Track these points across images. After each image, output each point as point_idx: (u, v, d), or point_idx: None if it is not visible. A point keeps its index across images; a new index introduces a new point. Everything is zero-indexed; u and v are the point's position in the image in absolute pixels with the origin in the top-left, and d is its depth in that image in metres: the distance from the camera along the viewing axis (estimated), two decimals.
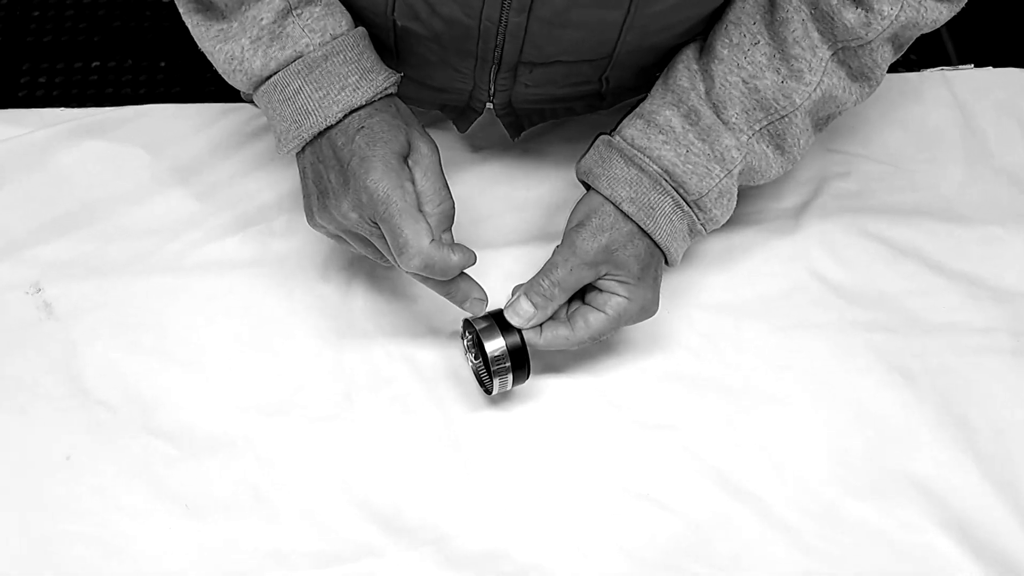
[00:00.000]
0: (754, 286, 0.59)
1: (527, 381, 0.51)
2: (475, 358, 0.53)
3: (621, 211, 0.50)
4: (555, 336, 0.50)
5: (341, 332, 0.56)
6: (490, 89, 0.56)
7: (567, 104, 0.62)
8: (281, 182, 0.61)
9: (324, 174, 0.48)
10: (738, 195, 0.52)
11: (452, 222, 0.48)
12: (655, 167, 0.50)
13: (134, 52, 0.92)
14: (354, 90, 0.46)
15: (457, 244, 0.47)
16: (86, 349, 0.55)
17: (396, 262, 0.47)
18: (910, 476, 0.52)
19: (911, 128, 0.65)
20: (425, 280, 0.48)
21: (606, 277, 0.50)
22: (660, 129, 0.50)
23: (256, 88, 0.49)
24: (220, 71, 0.49)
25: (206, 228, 0.59)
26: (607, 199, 0.50)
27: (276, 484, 0.51)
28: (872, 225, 0.60)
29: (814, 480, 0.52)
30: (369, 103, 0.47)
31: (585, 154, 0.53)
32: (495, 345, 0.49)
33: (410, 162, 0.47)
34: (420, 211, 0.46)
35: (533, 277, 0.50)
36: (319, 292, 0.58)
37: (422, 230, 0.46)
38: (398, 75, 0.49)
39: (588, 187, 0.52)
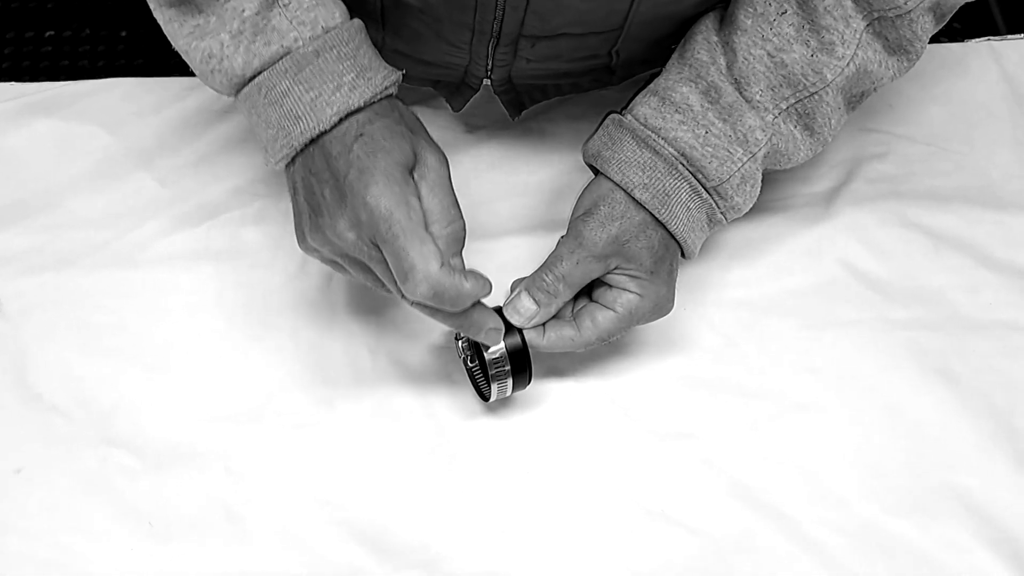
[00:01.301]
0: (780, 280, 0.59)
1: (528, 386, 0.51)
2: (470, 361, 0.53)
3: (633, 198, 0.49)
4: (560, 337, 0.50)
5: (321, 331, 0.56)
6: (488, 64, 0.56)
7: (573, 80, 0.62)
8: (254, 165, 0.61)
9: (317, 189, 0.46)
10: (762, 180, 0.52)
11: (463, 245, 0.47)
12: (671, 150, 0.49)
13: (91, 20, 0.91)
14: (350, 90, 0.45)
15: (470, 270, 0.45)
16: (38, 350, 0.55)
17: (400, 290, 0.45)
18: (953, 490, 0.52)
19: (955, 105, 0.65)
20: (433, 312, 0.46)
21: (616, 271, 0.50)
22: (676, 108, 0.49)
23: (238, 91, 0.47)
24: (197, 72, 0.48)
25: (171, 216, 0.59)
26: (617, 185, 0.50)
27: (249, 500, 0.51)
28: (911, 212, 0.61)
29: (847, 495, 0.52)
30: (368, 105, 0.46)
31: (593, 135, 0.52)
32: (492, 348, 0.49)
33: (415, 176, 0.46)
34: (428, 232, 0.45)
35: (535, 271, 0.50)
36: (297, 287, 0.58)
37: (430, 253, 0.43)
38: (399, 73, 0.48)
39: (596, 171, 0.52)
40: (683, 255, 0.52)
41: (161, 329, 0.56)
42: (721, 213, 0.51)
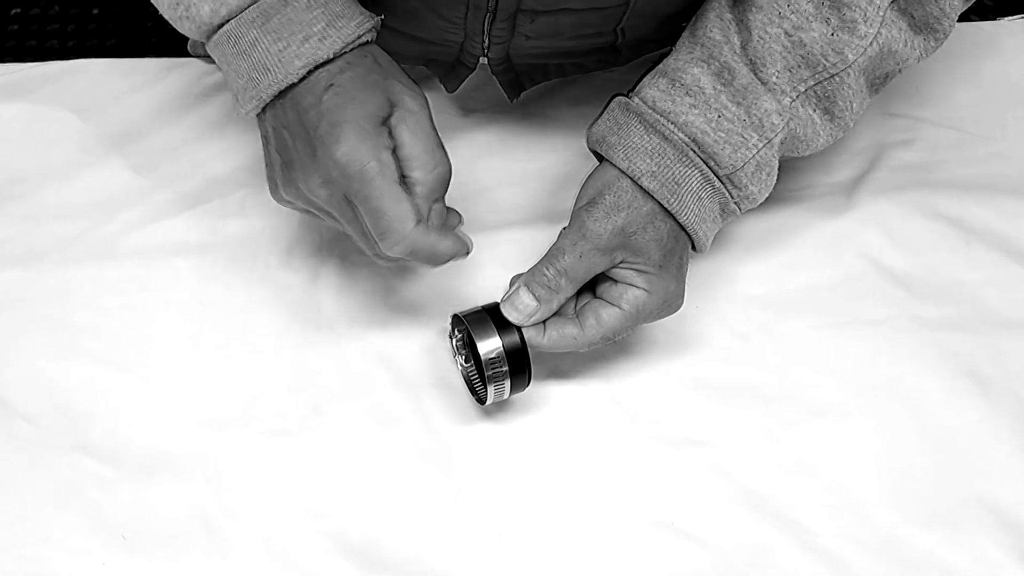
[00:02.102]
0: (798, 276, 0.58)
1: (528, 389, 0.51)
2: (466, 361, 0.52)
3: (640, 187, 0.49)
4: (561, 336, 0.50)
5: (308, 330, 0.56)
6: (484, 41, 0.55)
7: (575, 59, 0.61)
8: (236, 151, 0.61)
9: (289, 141, 0.47)
10: (779, 168, 0.52)
11: (447, 188, 0.47)
12: (681, 135, 0.49)
13: None
14: (320, 40, 0.46)
15: (448, 226, 0.47)
16: (4, 351, 0.55)
17: (374, 247, 0.47)
18: (984, 501, 0.52)
19: (985, 87, 0.65)
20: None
21: (622, 265, 0.49)
22: (687, 90, 0.49)
23: (208, 38, 0.48)
24: (167, 18, 0.49)
25: (147, 206, 0.59)
26: (623, 172, 0.49)
27: (230, 512, 0.51)
28: (939, 202, 0.60)
29: (869, 506, 0.52)
30: (340, 55, 0.46)
31: (598, 119, 0.52)
32: (490, 346, 0.48)
33: (393, 122, 0.46)
34: (404, 185, 0.46)
35: (535, 265, 0.50)
36: (282, 282, 0.58)
37: (405, 212, 0.45)
38: (377, 19, 0.48)
39: (601, 158, 0.52)
40: (694, 248, 0.52)
41: (137, 328, 0.56)
42: (735, 203, 0.51)
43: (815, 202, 0.60)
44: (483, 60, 0.57)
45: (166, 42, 0.53)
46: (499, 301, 0.50)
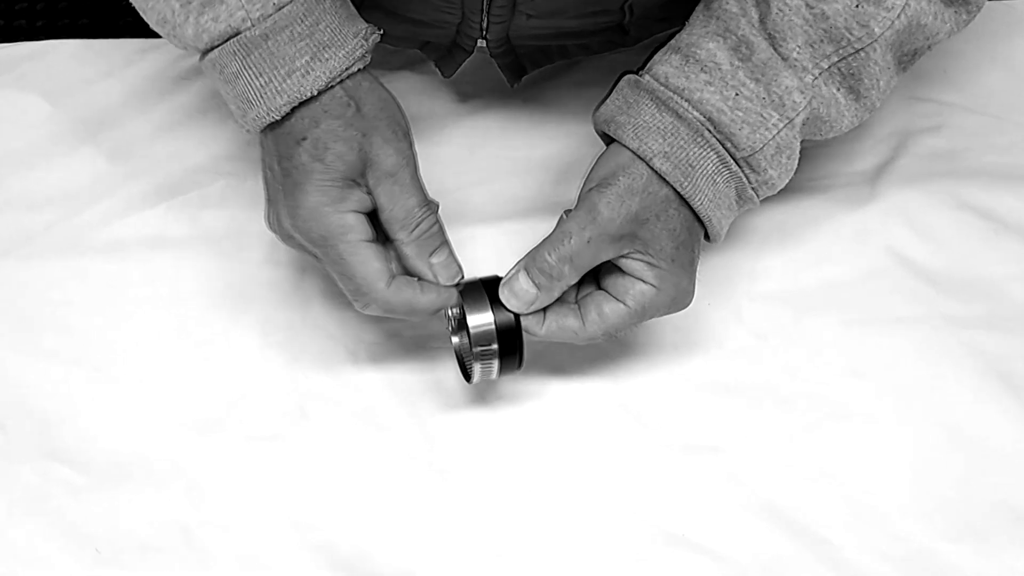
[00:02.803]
0: (819, 270, 0.58)
1: (518, 372, 0.50)
2: (457, 334, 0.52)
3: (655, 171, 0.48)
4: (560, 327, 0.49)
5: (294, 328, 0.56)
6: (482, 21, 0.55)
7: (580, 40, 0.61)
8: (216, 138, 0.61)
9: (270, 177, 0.48)
10: (800, 153, 0.51)
11: (440, 240, 0.48)
12: (695, 113, 0.48)
13: None
14: (304, 75, 0.46)
15: (434, 280, 0.48)
16: None
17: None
18: (1017, 512, 0.52)
19: (1018, 70, 0.64)
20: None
21: (631, 256, 0.49)
22: (702, 66, 0.48)
23: (200, 57, 0.49)
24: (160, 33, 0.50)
25: (122, 197, 0.59)
26: (636, 154, 0.49)
27: (211, 522, 0.51)
28: (968, 192, 0.60)
29: (895, 517, 0.52)
30: (327, 88, 0.47)
31: (605, 99, 0.51)
32: (480, 320, 0.48)
33: (371, 183, 0.47)
34: (379, 244, 0.48)
35: (537, 247, 0.49)
36: (265, 278, 0.58)
37: (372, 273, 0.47)
38: (373, 37, 0.48)
39: (609, 141, 0.51)
40: (707, 238, 0.51)
41: (110, 327, 0.56)
42: (752, 189, 0.50)
43: (836, 192, 0.60)
44: (481, 43, 0.57)
45: (142, 22, 0.53)
46: (499, 276, 0.50)
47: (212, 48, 0.47)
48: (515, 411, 0.54)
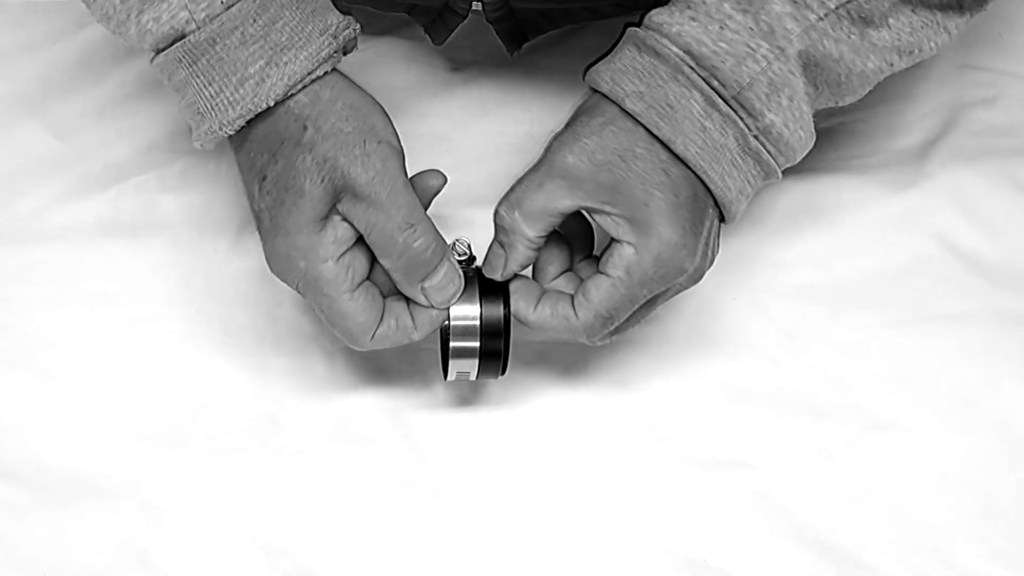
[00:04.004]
0: (858, 261, 0.58)
1: (503, 377, 0.50)
2: (444, 326, 0.51)
3: (624, 110, 0.47)
4: (554, 314, 0.48)
5: (264, 328, 0.56)
6: None
7: (588, 3, 0.60)
8: (176, 114, 0.60)
9: (246, 193, 0.48)
10: (832, 129, 0.52)
11: (435, 260, 0.47)
12: (674, 49, 0.47)
13: None
14: (258, 83, 0.45)
15: (427, 305, 0.48)
16: None
17: None
18: None
19: None
20: None
21: (601, 210, 0.47)
22: (689, 3, 0.47)
23: (150, 61, 0.48)
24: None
25: (69, 179, 0.59)
26: (608, 97, 0.47)
27: (170, 546, 0.51)
28: None
29: (946, 540, 0.51)
30: (287, 97, 0.46)
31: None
32: (463, 312, 0.48)
33: (344, 210, 0.46)
34: (363, 288, 0.47)
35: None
36: (231, 270, 0.57)
37: (357, 328, 0.47)
38: (338, 40, 0.47)
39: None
40: (721, 215, 0.49)
41: (56, 326, 0.55)
42: (756, 140, 0.47)
43: (877, 172, 0.60)
44: (477, 6, 0.57)
45: None
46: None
47: (160, 51, 0.47)
48: (515, 421, 0.53)
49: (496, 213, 0.48)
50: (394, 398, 0.54)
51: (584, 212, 0.48)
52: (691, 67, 0.46)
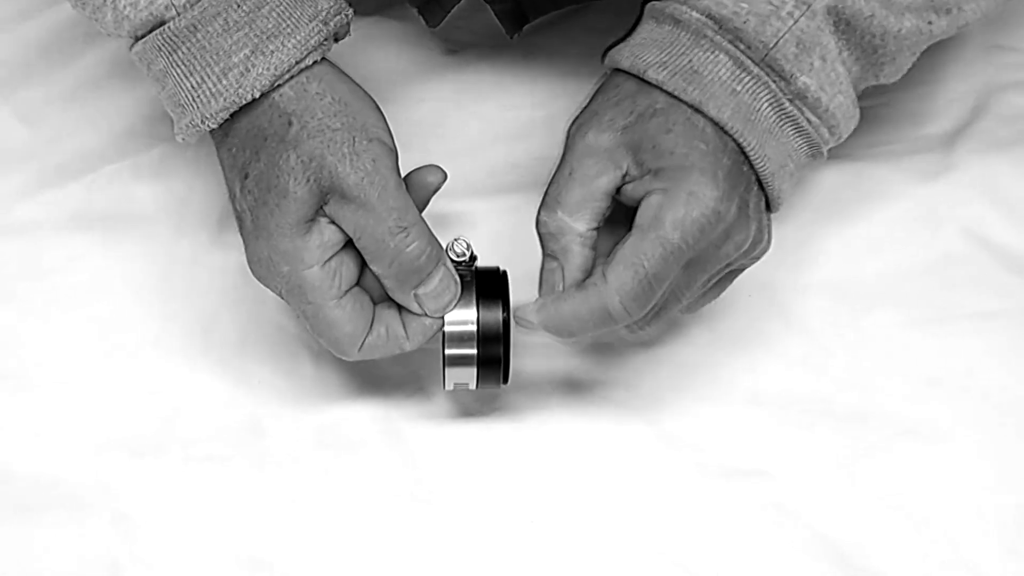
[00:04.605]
0: (883, 256, 0.58)
1: (506, 386, 0.50)
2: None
3: (646, 82, 0.47)
4: (584, 300, 0.45)
5: (246, 328, 0.56)
6: None
7: None
8: (152, 98, 0.60)
9: (227, 189, 0.48)
10: (859, 113, 0.49)
11: (429, 266, 0.46)
12: (694, 14, 0.46)
13: None
14: (242, 74, 0.45)
15: (421, 313, 0.47)
16: None
17: None
18: None
19: None
20: None
21: (639, 178, 0.46)
22: None
23: (129, 49, 0.48)
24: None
25: (38, 167, 0.59)
26: (629, 72, 0.47)
27: (143, 560, 0.50)
28: None
29: (980, 555, 0.51)
30: (273, 89, 0.45)
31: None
32: (460, 317, 0.48)
33: (331, 209, 0.46)
34: (351, 295, 0.47)
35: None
36: (211, 264, 0.57)
37: (344, 338, 0.47)
38: (329, 26, 0.46)
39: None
40: (756, 178, 0.47)
41: (23, 324, 0.55)
42: (790, 102, 0.47)
43: (903, 161, 0.59)
44: None
45: None
46: (500, 268, 0.49)
47: (138, 38, 0.46)
48: (515, 429, 0.53)
49: (538, 223, 0.47)
50: (385, 404, 0.54)
51: (624, 195, 0.46)
52: (715, 31, 0.46)
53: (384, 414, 0.53)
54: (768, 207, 0.47)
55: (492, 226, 0.55)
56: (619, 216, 0.47)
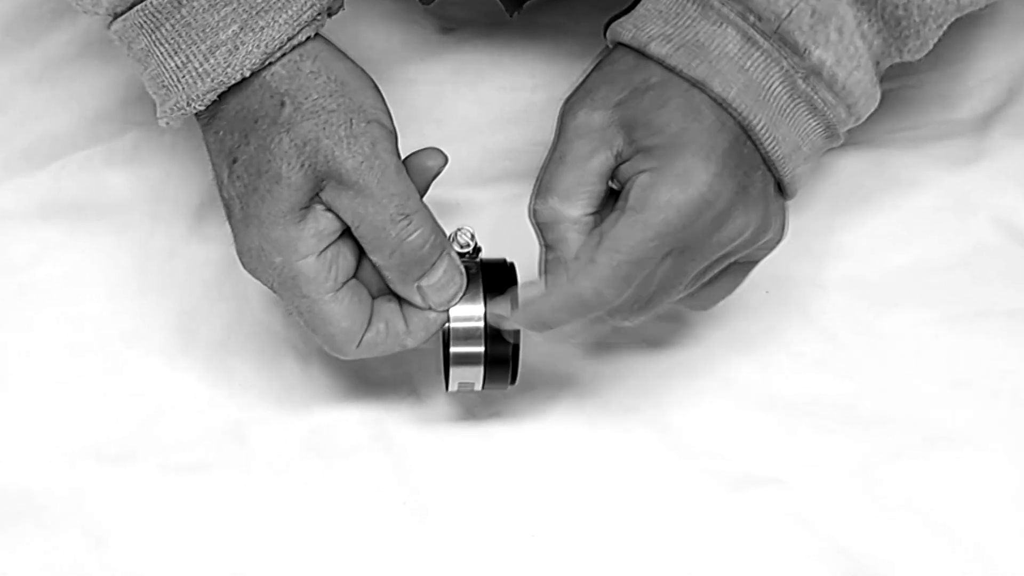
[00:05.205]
0: (909, 249, 0.57)
1: (515, 386, 0.49)
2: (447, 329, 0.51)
3: (647, 56, 0.46)
4: (562, 283, 0.45)
5: (228, 326, 0.56)
6: None
7: None
8: (125, 78, 0.60)
9: (215, 178, 0.47)
10: (882, 94, 0.48)
11: (433, 256, 0.46)
12: None
13: None
14: (231, 52, 0.44)
15: (424, 307, 0.47)
16: None
17: None
18: None
19: None
20: None
21: (630, 158, 0.45)
22: None
23: (107, 28, 0.47)
24: None
25: (1, 155, 0.59)
26: (629, 45, 0.46)
27: (116, 573, 0.50)
28: None
29: (1013, 571, 0.50)
30: (263, 67, 0.45)
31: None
32: (466, 312, 0.47)
33: (328, 196, 0.45)
34: (349, 287, 0.47)
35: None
36: (189, 258, 0.57)
37: (341, 333, 0.46)
38: (321, 1, 0.46)
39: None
40: (766, 164, 0.46)
41: None
42: (803, 79, 0.46)
43: (930, 147, 0.59)
44: None
45: None
46: (507, 260, 0.48)
47: (117, 15, 0.46)
48: (515, 435, 0.53)
49: (532, 213, 0.46)
50: (377, 408, 0.53)
51: (618, 176, 0.46)
52: (721, 2, 0.45)
53: (375, 419, 0.53)
54: (782, 193, 0.46)
55: (490, 217, 0.55)
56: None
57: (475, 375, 0.48)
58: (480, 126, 0.60)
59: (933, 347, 0.55)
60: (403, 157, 0.47)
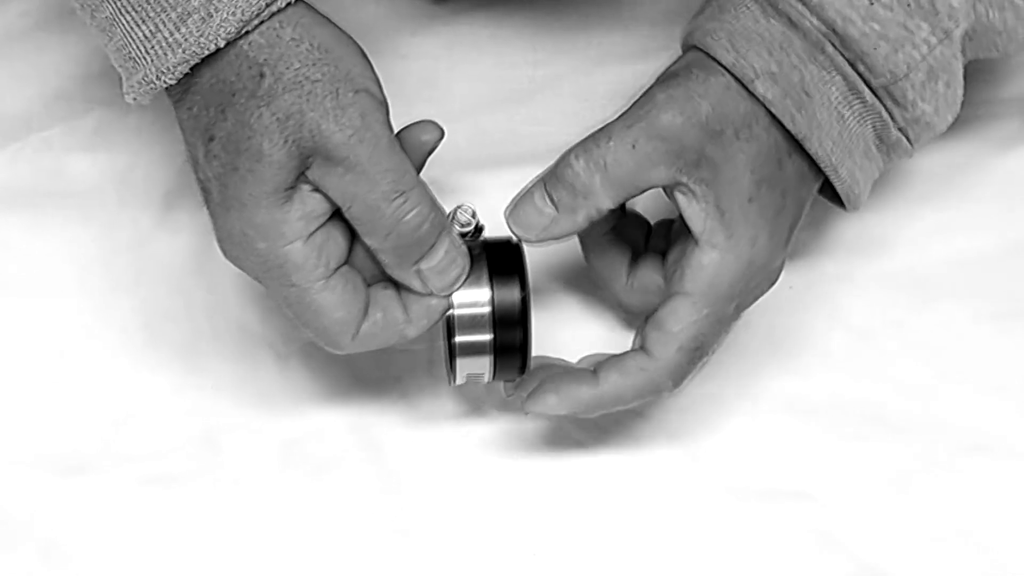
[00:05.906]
0: (953, 240, 0.57)
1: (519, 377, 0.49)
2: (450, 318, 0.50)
3: (753, 95, 0.47)
4: (623, 374, 0.47)
5: (199, 324, 0.56)
6: None
7: None
8: (88, 53, 0.60)
9: (191, 161, 0.47)
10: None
11: (432, 236, 0.46)
12: (815, 21, 0.46)
13: None
14: (204, 20, 0.43)
15: (424, 292, 0.47)
16: None
17: None
18: None
19: None
20: None
21: (687, 185, 0.46)
22: None
23: None
24: None
25: None
26: (731, 72, 0.47)
27: None
28: None
29: None
30: (240, 36, 0.44)
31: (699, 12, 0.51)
32: (471, 298, 0.47)
33: (315, 174, 0.44)
34: (341, 274, 0.46)
35: (562, 155, 0.47)
36: (158, 250, 0.57)
37: (334, 325, 0.46)
38: None
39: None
40: (838, 202, 0.49)
41: None
42: (899, 130, 0.47)
43: (976, 127, 0.58)
44: None
45: None
46: (513, 239, 0.48)
47: None
48: (515, 442, 0.53)
49: (568, 164, 0.46)
50: (362, 414, 0.53)
51: (666, 192, 0.47)
52: (835, 46, 0.46)
53: (361, 425, 0.53)
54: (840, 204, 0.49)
55: (489, 201, 0.52)
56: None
57: (483, 365, 0.47)
58: (477, 105, 0.59)
59: (975, 347, 0.54)
60: (395, 131, 0.46)
